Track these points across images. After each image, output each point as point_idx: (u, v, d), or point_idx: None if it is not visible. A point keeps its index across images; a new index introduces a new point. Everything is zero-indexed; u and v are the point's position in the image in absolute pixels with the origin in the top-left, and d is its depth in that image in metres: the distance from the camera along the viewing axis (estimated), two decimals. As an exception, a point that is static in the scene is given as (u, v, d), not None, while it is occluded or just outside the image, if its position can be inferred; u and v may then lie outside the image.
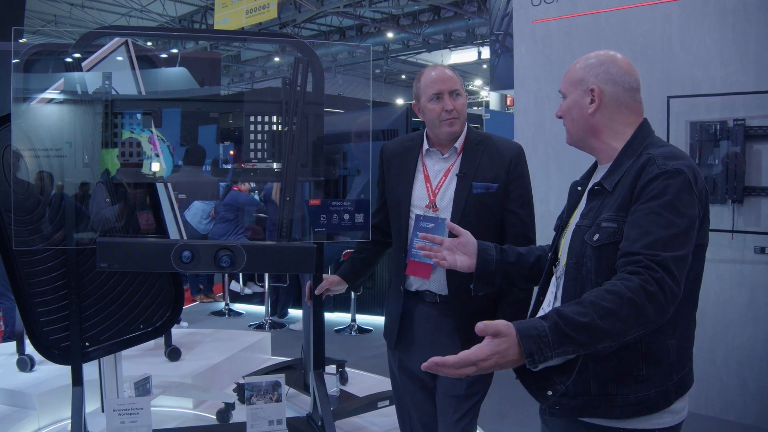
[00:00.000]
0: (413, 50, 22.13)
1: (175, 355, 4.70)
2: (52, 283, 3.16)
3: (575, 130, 1.86)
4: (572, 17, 4.96)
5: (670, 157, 1.65)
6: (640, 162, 1.68)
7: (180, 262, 2.71)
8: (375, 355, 5.90)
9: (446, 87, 2.42)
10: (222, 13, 12.42)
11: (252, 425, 3.23)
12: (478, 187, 2.40)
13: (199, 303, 8.31)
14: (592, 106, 1.78)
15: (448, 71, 2.47)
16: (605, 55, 1.81)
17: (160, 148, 2.97)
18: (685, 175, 1.61)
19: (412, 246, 2.46)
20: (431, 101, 2.44)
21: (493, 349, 1.44)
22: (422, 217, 2.45)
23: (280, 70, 23.57)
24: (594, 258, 1.68)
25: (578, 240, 1.74)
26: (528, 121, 5.21)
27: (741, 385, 4.26)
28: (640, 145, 1.76)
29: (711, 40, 4.34)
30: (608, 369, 1.67)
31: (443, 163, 2.50)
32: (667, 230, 1.56)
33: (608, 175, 1.76)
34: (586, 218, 1.76)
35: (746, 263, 4.23)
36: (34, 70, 3.01)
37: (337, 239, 3.15)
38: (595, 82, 1.78)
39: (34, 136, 2.87)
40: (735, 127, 4.17)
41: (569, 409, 1.73)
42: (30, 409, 4.02)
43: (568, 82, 1.85)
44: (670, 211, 1.58)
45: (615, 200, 1.68)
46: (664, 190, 1.60)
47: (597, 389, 1.69)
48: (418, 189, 2.50)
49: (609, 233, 1.65)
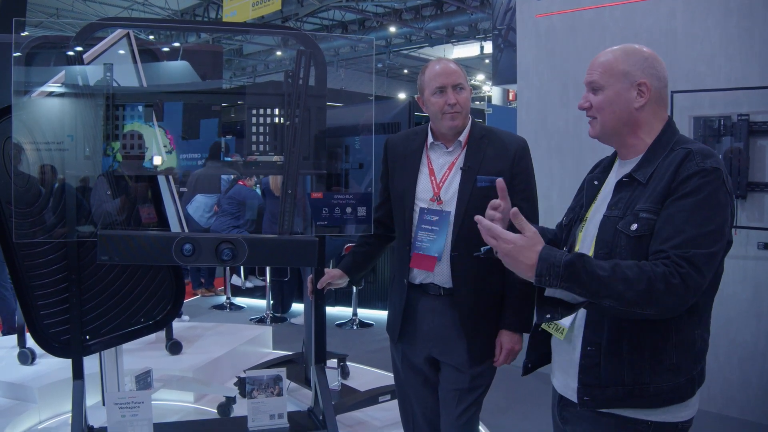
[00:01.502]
0: (416, 45, 22.09)
1: (176, 348, 4.70)
2: (52, 276, 3.15)
3: (613, 123, 1.81)
4: (576, 11, 4.94)
5: (707, 154, 1.68)
6: (677, 156, 1.70)
7: (181, 255, 2.70)
8: (376, 350, 5.90)
9: (449, 81, 2.41)
10: (230, 6, 12.62)
11: (253, 419, 3.23)
12: (483, 181, 2.39)
13: (201, 297, 8.31)
14: (640, 100, 1.77)
15: (453, 65, 2.46)
16: (646, 51, 1.80)
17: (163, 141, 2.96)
18: (721, 173, 1.65)
19: (416, 239, 2.46)
20: (434, 95, 2.43)
21: (517, 241, 1.63)
22: (426, 210, 2.45)
23: (282, 64, 23.56)
24: (630, 247, 1.69)
25: (609, 230, 1.75)
26: (531, 116, 5.19)
27: (743, 382, 4.25)
28: (670, 140, 1.78)
29: (715, 35, 4.31)
30: (643, 358, 1.71)
31: (448, 156, 2.49)
32: (699, 228, 1.60)
33: (639, 168, 1.76)
34: (615, 209, 1.76)
35: (749, 259, 4.21)
36: (35, 63, 3.00)
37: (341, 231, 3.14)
38: (643, 77, 1.77)
39: (36, 129, 2.86)
40: (739, 123, 4.15)
41: (602, 399, 1.76)
42: (31, 402, 4.02)
43: (606, 74, 1.80)
44: (705, 209, 1.62)
45: (652, 192, 1.69)
46: (700, 188, 1.63)
47: (631, 378, 1.72)
48: (422, 182, 2.49)
49: (649, 224, 1.67)
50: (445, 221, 2.40)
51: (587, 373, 1.78)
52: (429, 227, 2.43)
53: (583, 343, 1.79)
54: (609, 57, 1.80)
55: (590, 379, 1.77)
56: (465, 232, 2.36)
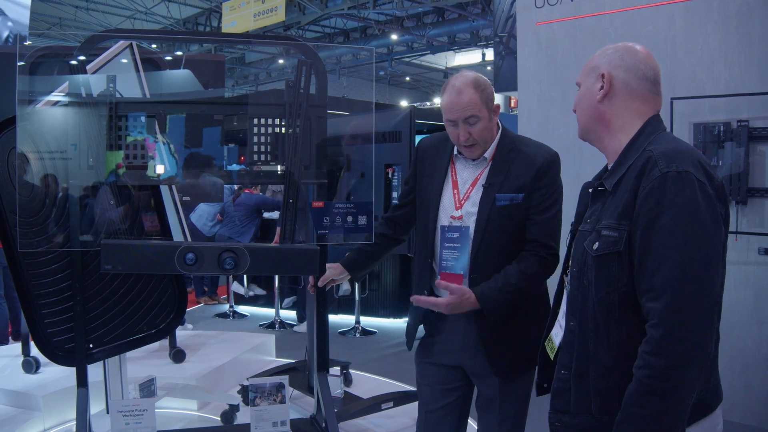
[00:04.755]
0: (417, 52, 22.11)
1: (180, 356, 4.71)
2: (56, 285, 3.17)
3: (584, 120, 1.74)
4: (576, 19, 4.96)
5: (672, 156, 1.51)
6: (640, 162, 1.55)
7: (184, 264, 2.71)
8: (379, 357, 5.90)
9: (460, 115, 2.30)
10: (229, 16, 12.52)
11: (256, 427, 3.24)
12: (502, 199, 2.32)
13: (204, 305, 8.32)
14: (600, 92, 1.68)
15: (466, 94, 2.29)
16: (623, 45, 1.71)
17: (156, 150, 2.97)
18: (691, 175, 1.47)
19: (441, 258, 2.40)
20: (448, 124, 2.36)
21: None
22: (447, 228, 2.39)
23: (284, 72, 23.59)
24: (594, 268, 1.58)
25: (580, 247, 1.66)
26: (531, 122, 5.21)
27: (745, 387, 4.25)
28: (645, 141, 1.61)
29: (715, 42, 4.33)
30: (610, 385, 1.58)
31: (473, 170, 2.41)
32: (684, 255, 1.45)
33: (610, 174, 1.66)
34: (587, 223, 1.68)
35: (750, 264, 4.22)
36: (39, 73, 3.02)
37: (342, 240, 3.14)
38: (606, 68, 1.68)
39: (39, 139, 2.89)
40: (739, 129, 4.16)
41: (572, 427, 1.65)
42: (35, 411, 4.03)
43: (583, 72, 1.75)
44: (686, 227, 1.45)
45: (616, 204, 1.57)
46: (673, 202, 1.46)
47: (598, 406, 1.60)
48: (446, 196, 2.43)
49: (610, 242, 1.55)
50: (466, 236, 2.34)
51: (559, 398, 1.68)
52: (451, 245, 2.37)
53: (558, 367, 1.71)
54: (592, 57, 1.76)
55: (561, 405, 1.68)
56: (483, 251, 2.33)
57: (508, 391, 2.42)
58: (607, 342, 1.57)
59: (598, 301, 1.58)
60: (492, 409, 2.44)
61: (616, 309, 1.55)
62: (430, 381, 2.54)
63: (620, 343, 1.55)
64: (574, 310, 1.66)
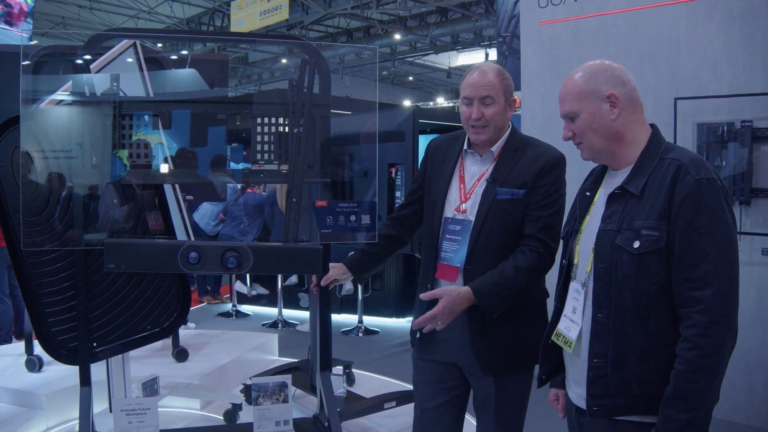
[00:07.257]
0: (420, 52, 22.13)
1: (183, 355, 4.71)
2: (60, 284, 3.18)
3: (600, 142, 1.84)
4: (579, 19, 4.96)
5: (698, 165, 1.70)
6: (670, 169, 1.72)
7: (187, 263, 2.72)
8: (382, 357, 5.91)
9: (477, 93, 2.34)
10: (237, 15, 12.66)
11: (259, 426, 3.24)
12: (503, 194, 2.34)
13: (207, 304, 8.33)
14: (614, 111, 1.80)
15: (489, 75, 2.36)
16: (598, 63, 1.84)
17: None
18: (717, 182, 1.69)
19: (441, 249, 2.42)
20: (463, 104, 2.39)
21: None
22: (450, 219, 2.42)
23: (288, 71, 23.60)
24: (634, 264, 1.73)
25: (607, 244, 1.78)
26: (535, 122, 5.21)
27: (749, 388, 4.24)
28: (658, 149, 1.79)
29: (718, 42, 4.33)
30: (650, 369, 1.74)
31: (480, 165, 2.44)
32: (721, 251, 1.66)
33: (631, 180, 1.79)
34: (610, 222, 1.79)
35: (754, 265, 4.21)
36: (43, 72, 3.02)
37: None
38: (609, 88, 1.80)
39: (44, 138, 2.89)
40: (742, 129, 4.16)
41: (611, 409, 1.78)
42: (38, 410, 4.04)
43: (576, 100, 1.83)
44: (719, 227, 1.67)
45: (650, 206, 1.72)
46: (708, 205, 1.67)
47: (639, 388, 1.74)
48: (453, 190, 2.46)
49: (652, 241, 1.70)
50: (467, 229, 2.36)
51: (595, 384, 1.81)
52: (452, 237, 2.39)
53: (590, 356, 1.82)
54: (572, 84, 1.84)
55: (598, 391, 1.80)
56: (481, 244, 2.34)
57: (505, 391, 2.42)
58: (645, 330, 1.73)
59: (639, 293, 1.73)
60: (489, 409, 2.44)
61: (655, 300, 1.72)
62: (426, 378, 2.54)
63: (657, 330, 1.72)
64: (603, 303, 1.80)
